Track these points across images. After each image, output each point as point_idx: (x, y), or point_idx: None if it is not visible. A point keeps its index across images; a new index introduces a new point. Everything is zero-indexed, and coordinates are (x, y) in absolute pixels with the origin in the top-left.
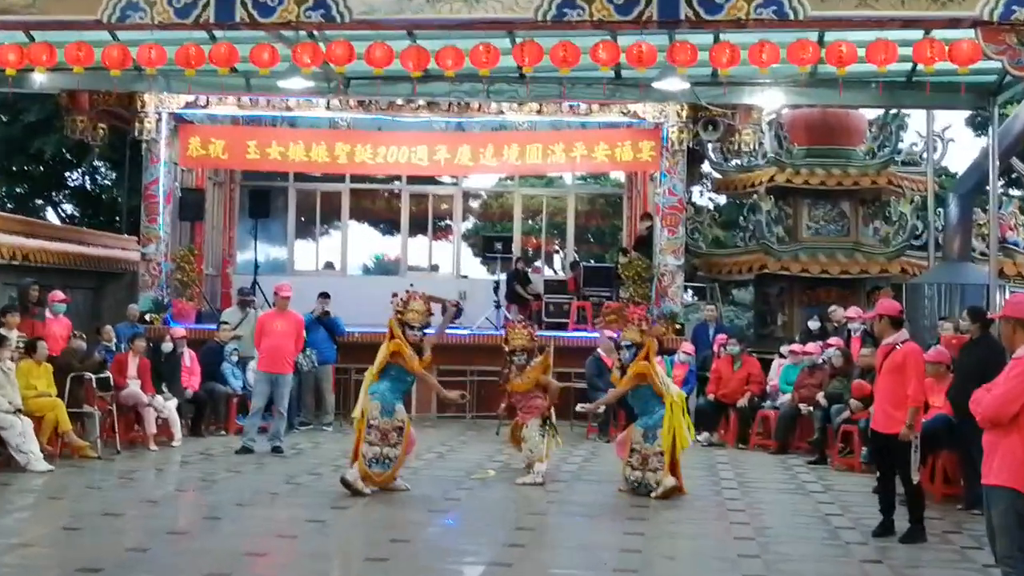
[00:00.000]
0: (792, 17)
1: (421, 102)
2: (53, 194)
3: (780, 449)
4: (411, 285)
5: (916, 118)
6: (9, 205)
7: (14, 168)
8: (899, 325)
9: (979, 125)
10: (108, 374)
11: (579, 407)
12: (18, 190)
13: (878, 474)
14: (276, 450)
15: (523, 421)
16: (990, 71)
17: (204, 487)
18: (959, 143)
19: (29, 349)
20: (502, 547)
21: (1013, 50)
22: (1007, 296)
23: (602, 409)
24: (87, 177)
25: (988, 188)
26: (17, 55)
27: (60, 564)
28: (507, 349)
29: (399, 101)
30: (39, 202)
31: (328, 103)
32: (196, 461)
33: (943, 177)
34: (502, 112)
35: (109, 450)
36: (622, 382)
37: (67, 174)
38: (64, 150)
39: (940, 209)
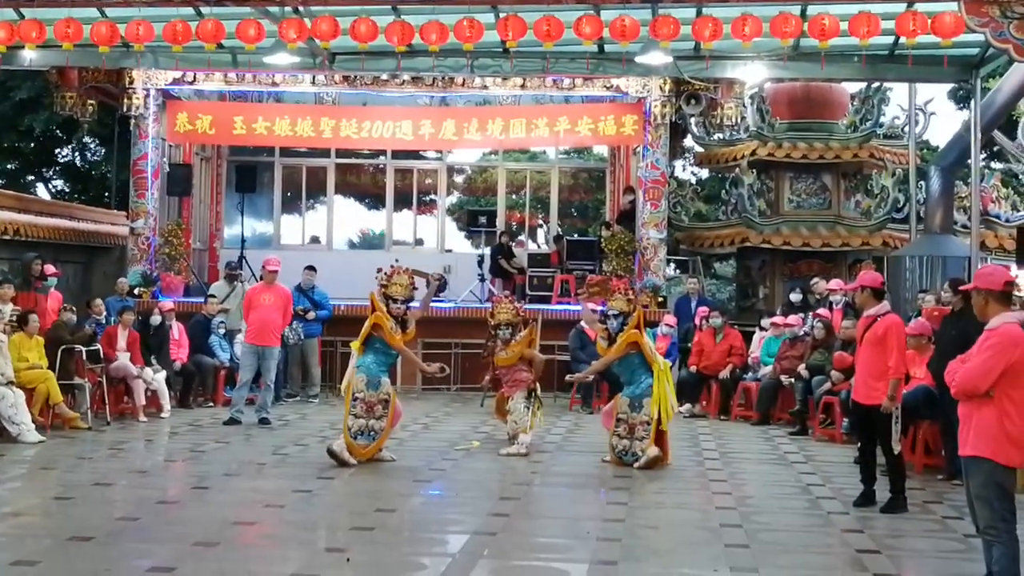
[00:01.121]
0: None
1: (406, 77)
2: (43, 170)
3: (762, 420)
4: (396, 260)
5: (898, 91)
6: (0, 181)
7: (5, 144)
8: (881, 297)
9: (961, 98)
10: (98, 347)
11: (568, 377)
12: (9, 166)
13: (859, 445)
14: (263, 422)
15: (509, 394)
16: (972, 44)
17: (192, 457)
18: (941, 116)
19: (21, 322)
20: (486, 516)
21: (996, 22)
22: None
23: (590, 378)
24: (77, 153)
25: (970, 161)
26: (7, 32)
27: (52, 533)
28: (492, 323)
29: (384, 76)
30: (30, 178)
31: (314, 78)
32: (184, 432)
33: (924, 150)
34: (486, 87)
35: (99, 421)
36: (612, 350)
37: (57, 150)
38: (54, 126)
39: (922, 182)
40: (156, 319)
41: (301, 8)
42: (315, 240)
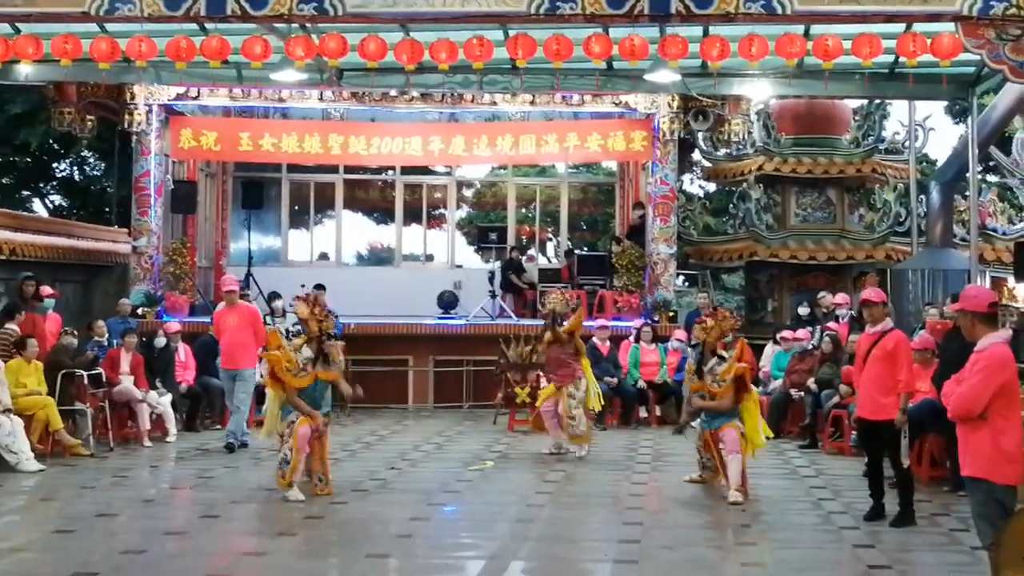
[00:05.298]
0: (780, 12)
1: (415, 93)
2: (40, 185)
3: (773, 433)
4: (303, 286)
5: (898, 107)
6: None
7: None
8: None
9: (958, 113)
10: (100, 370)
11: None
12: (4, 181)
13: (867, 460)
14: (229, 448)
15: (560, 384)
16: (969, 63)
17: (200, 484)
18: (939, 131)
19: (19, 346)
20: (502, 540)
21: (991, 44)
22: (986, 281)
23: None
24: (75, 167)
25: (968, 176)
26: (2, 47)
27: (53, 569)
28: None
29: (393, 92)
30: (26, 193)
31: (321, 94)
32: (191, 457)
33: (924, 164)
34: (495, 103)
35: (102, 447)
36: (722, 392)
37: (54, 164)
38: (50, 140)
39: (922, 196)
40: (161, 341)
41: (308, 25)
42: (324, 256)
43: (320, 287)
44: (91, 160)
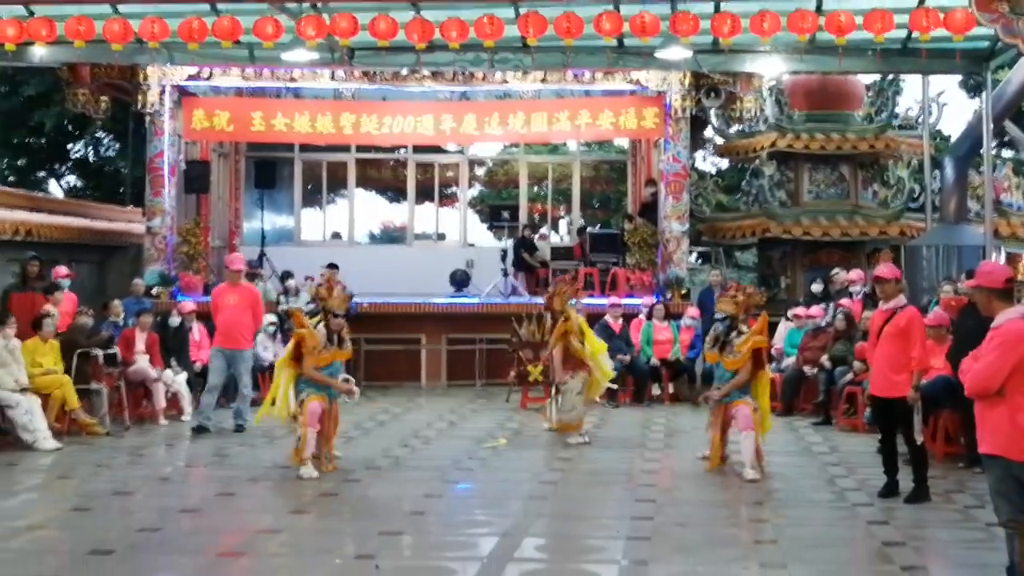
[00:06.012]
0: None
1: (426, 72)
2: (55, 166)
3: (786, 411)
4: (325, 266)
5: (912, 82)
6: (11, 178)
7: (15, 141)
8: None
9: (972, 87)
10: (115, 350)
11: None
12: (19, 162)
13: (880, 437)
14: (239, 428)
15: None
16: (983, 37)
17: (215, 462)
18: (953, 105)
19: (35, 326)
20: (515, 517)
21: (1005, 18)
22: (1001, 256)
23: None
24: (89, 148)
25: (982, 151)
26: (16, 30)
27: (71, 547)
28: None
29: (404, 71)
30: (41, 174)
31: (333, 74)
32: (207, 435)
33: (938, 140)
34: (506, 81)
35: (118, 426)
36: (738, 362)
37: (69, 145)
38: (65, 122)
39: (936, 172)
40: (175, 320)
41: (319, 5)
42: (336, 235)
43: (333, 266)
44: (105, 141)
